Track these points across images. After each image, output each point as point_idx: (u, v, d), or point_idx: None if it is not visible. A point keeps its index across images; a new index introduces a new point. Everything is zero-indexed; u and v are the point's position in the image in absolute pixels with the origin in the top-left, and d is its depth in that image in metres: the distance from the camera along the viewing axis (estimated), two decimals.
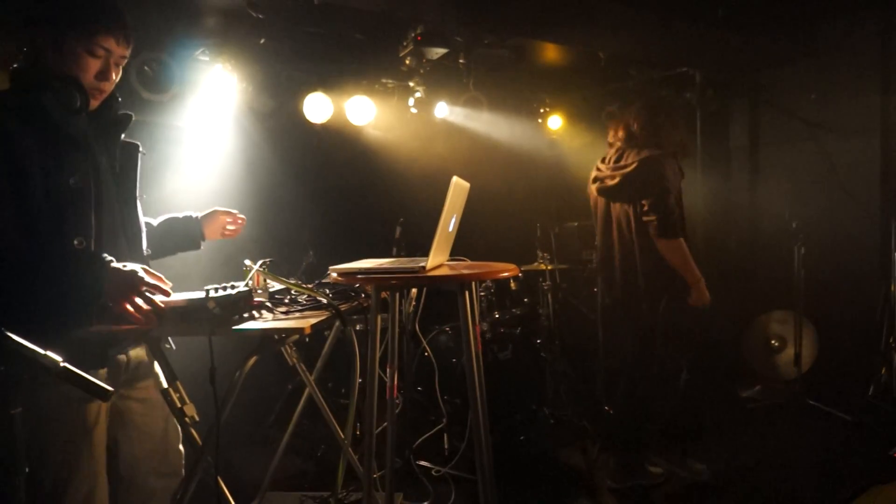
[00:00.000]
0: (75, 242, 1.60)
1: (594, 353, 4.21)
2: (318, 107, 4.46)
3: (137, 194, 1.86)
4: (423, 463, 3.29)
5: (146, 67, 3.61)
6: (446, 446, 3.48)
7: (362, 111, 4.65)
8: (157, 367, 1.82)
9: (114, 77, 1.70)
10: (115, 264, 1.58)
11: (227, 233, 2.22)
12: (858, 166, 4.41)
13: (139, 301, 1.56)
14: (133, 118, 1.81)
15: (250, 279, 1.89)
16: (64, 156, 1.61)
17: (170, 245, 2.10)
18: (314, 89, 4.45)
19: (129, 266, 1.59)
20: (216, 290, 1.61)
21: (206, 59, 3.90)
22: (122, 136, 1.81)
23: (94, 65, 1.64)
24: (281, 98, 4.40)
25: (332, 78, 4.56)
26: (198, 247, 2.19)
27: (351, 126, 4.74)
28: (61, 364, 1.21)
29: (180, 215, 2.16)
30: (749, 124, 5.15)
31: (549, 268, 4.19)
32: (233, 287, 1.69)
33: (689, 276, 2.97)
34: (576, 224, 4.90)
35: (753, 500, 3.04)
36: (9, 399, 1.25)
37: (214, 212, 2.19)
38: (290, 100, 4.44)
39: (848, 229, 4.41)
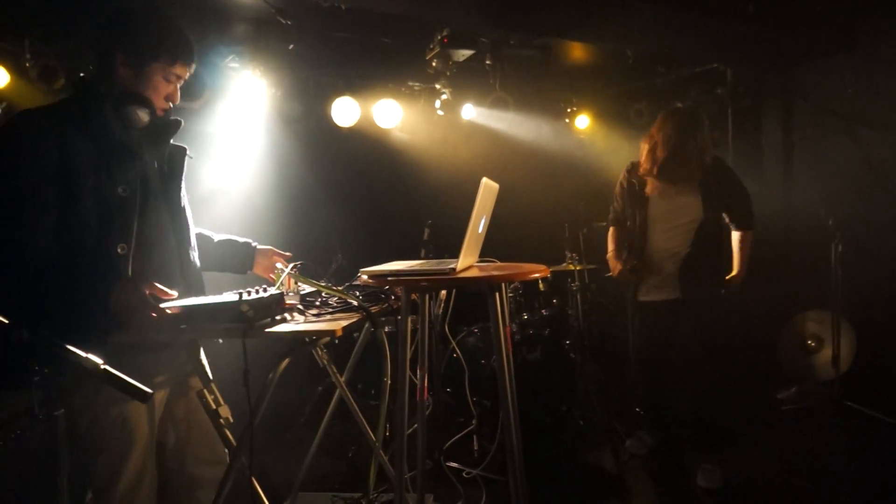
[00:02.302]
0: (118, 249, 1.66)
1: (624, 353, 4.16)
2: (345, 111, 4.51)
3: (182, 194, 1.92)
4: (453, 464, 3.29)
5: None
6: (476, 448, 3.47)
7: (389, 114, 4.68)
8: (203, 359, 1.88)
9: (177, 98, 1.85)
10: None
11: (272, 276, 2.22)
12: None
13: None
14: (182, 124, 1.89)
15: (282, 282, 1.91)
16: (117, 166, 1.68)
17: (220, 264, 2.17)
18: (342, 93, 4.50)
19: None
20: (249, 292, 1.64)
21: (236, 65, 3.97)
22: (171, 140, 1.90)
23: (166, 88, 1.79)
24: (309, 103, 4.46)
25: (360, 82, 4.60)
26: (244, 273, 2.24)
27: (378, 129, 4.78)
28: (102, 366, 1.25)
29: (240, 240, 2.22)
30: (782, 120, 5.03)
31: (577, 268, 4.15)
32: (265, 290, 1.71)
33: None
34: (604, 224, 4.85)
35: None
36: (52, 400, 1.29)
37: (270, 250, 2.25)
38: (318, 104, 4.50)
39: (886, 226, 4.28)
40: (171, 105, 1.86)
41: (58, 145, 1.60)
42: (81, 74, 1.80)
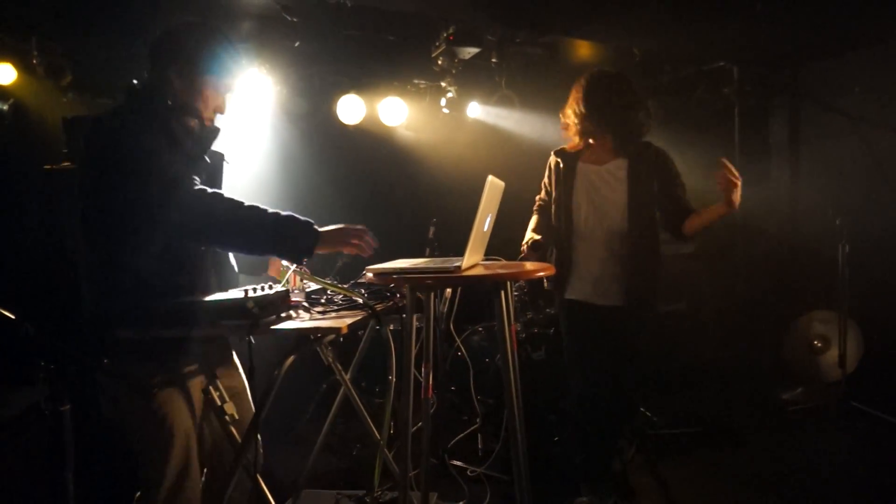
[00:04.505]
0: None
1: None
2: (351, 108, 4.50)
3: None
4: (457, 463, 3.29)
5: None
6: (480, 446, 3.47)
7: (395, 112, 4.67)
8: (235, 357, 1.93)
9: (225, 109, 1.94)
10: None
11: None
12: None
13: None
14: (220, 131, 1.96)
15: (287, 280, 1.91)
16: (186, 170, 1.77)
17: (239, 264, 2.17)
18: (347, 91, 4.49)
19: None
20: (254, 290, 1.64)
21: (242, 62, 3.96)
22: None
23: (215, 100, 1.88)
24: (315, 100, 4.46)
25: (365, 79, 4.60)
26: (258, 275, 2.26)
27: (384, 127, 4.77)
28: (105, 361, 1.25)
29: None
30: (789, 119, 5.01)
31: None
32: (271, 287, 1.71)
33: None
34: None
35: None
36: (57, 396, 1.29)
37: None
38: (323, 102, 4.49)
39: (894, 226, 4.26)
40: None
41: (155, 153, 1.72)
42: (135, 82, 1.92)
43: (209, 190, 1.71)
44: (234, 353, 2.00)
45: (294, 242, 1.73)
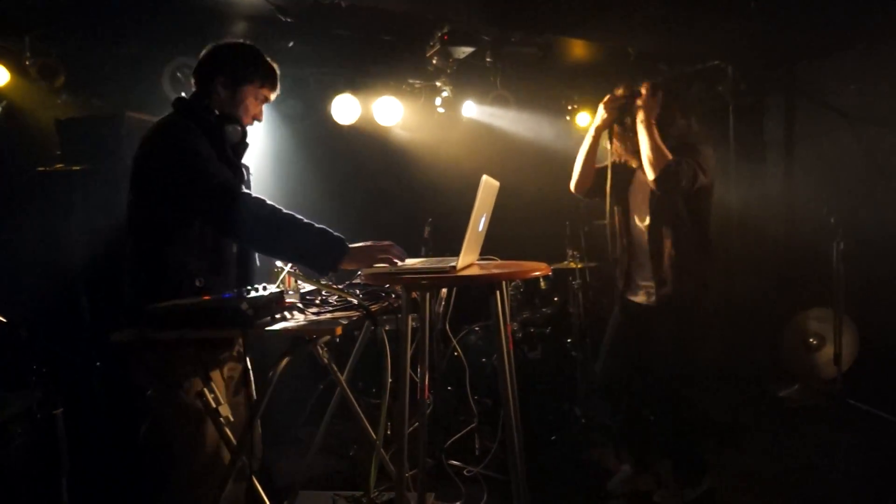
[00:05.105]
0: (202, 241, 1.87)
1: None
2: (346, 108, 4.50)
3: None
4: (454, 463, 3.29)
5: (178, 73, 3.68)
6: (477, 446, 3.47)
7: (390, 112, 4.67)
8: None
9: (262, 117, 2.10)
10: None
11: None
12: None
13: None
14: (249, 146, 2.09)
15: (282, 281, 1.91)
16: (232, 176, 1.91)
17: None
18: (342, 91, 4.48)
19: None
20: (249, 291, 1.63)
21: None
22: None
23: (255, 108, 2.05)
24: (309, 100, 4.45)
25: (360, 79, 4.59)
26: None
27: (379, 127, 4.76)
28: (97, 364, 1.24)
29: None
30: (784, 117, 5.02)
31: (579, 266, 4.14)
32: (265, 288, 1.71)
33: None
34: (605, 222, 4.84)
35: None
36: (50, 399, 1.28)
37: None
38: (318, 102, 4.49)
39: (889, 224, 4.27)
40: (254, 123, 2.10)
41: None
42: (182, 94, 2.08)
43: (253, 195, 1.85)
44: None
45: (322, 256, 1.83)
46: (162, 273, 1.81)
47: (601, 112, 2.77)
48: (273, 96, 2.13)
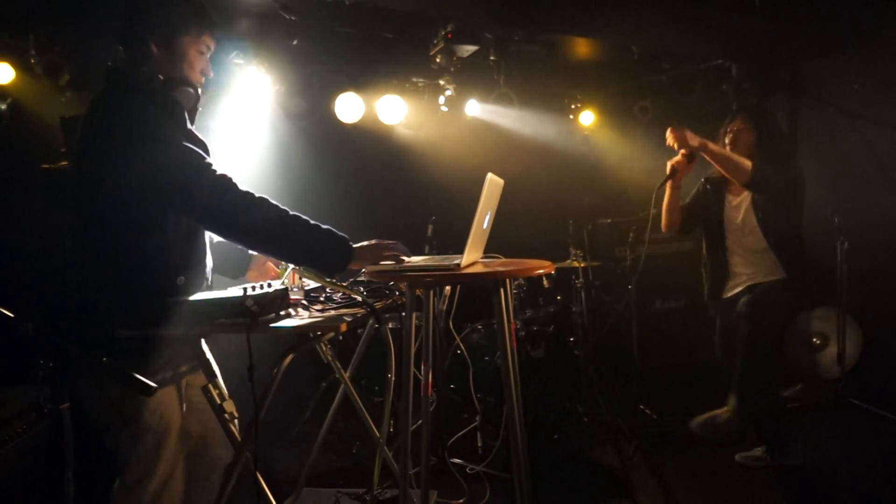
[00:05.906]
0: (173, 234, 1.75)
1: (628, 350, 4.15)
2: (349, 107, 4.50)
3: None
4: (457, 461, 3.30)
5: None
6: (480, 444, 3.47)
7: (393, 110, 4.67)
8: (208, 352, 1.89)
9: (210, 71, 1.88)
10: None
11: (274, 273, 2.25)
12: None
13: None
14: (199, 98, 1.88)
15: (286, 278, 1.91)
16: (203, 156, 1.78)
17: (216, 264, 2.11)
18: (346, 89, 4.49)
19: None
20: (254, 288, 1.64)
21: (240, 61, 3.96)
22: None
23: (200, 62, 1.82)
24: (313, 99, 4.45)
25: (364, 78, 4.59)
26: (236, 279, 2.22)
27: (382, 125, 4.77)
28: (104, 360, 1.25)
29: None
30: (788, 117, 5.01)
31: (582, 265, 4.14)
32: (269, 285, 1.71)
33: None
34: (609, 221, 4.84)
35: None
36: (58, 395, 1.29)
37: (266, 263, 2.23)
38: (321, 100, 4.49)
39: (893, 223, 4.25)
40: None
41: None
42: (109, 64, 1.81)
43: (256, 194, 1.74)
44: (210, 357, 1.93)
45: (329, 257, 1.78)
46: (139, 272, 1.68)
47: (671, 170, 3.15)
48: (213, 43, 1.86)
